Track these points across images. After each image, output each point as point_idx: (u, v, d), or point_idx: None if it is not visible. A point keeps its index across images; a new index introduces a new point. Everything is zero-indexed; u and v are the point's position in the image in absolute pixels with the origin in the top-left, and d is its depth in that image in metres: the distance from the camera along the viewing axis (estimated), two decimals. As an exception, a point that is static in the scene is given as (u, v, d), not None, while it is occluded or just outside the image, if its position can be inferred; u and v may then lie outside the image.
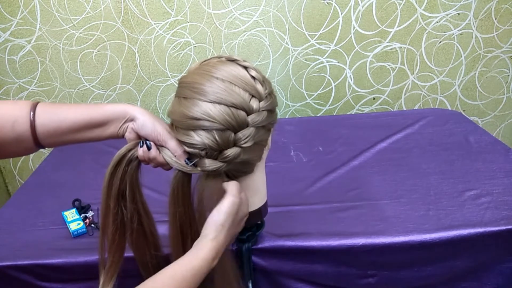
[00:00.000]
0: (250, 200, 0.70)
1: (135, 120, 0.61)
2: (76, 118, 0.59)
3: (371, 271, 0.86)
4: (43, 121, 0.57)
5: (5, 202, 1.05)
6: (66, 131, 0.59)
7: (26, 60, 1.51)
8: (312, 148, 1.24)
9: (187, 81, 0.60)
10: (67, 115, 0.59)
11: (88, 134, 0.60)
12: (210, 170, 0.60)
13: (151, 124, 0.61)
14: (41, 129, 0.57)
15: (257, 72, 0.62)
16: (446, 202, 0.94)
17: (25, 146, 0.58)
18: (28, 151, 0.59)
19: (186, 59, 1.53)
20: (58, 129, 0.58)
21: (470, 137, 1.23)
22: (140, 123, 0.61)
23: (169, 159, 0.61)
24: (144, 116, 0.61)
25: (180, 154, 0.61)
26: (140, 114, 0.61)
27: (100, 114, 0.60)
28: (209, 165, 0.59)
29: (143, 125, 0.61)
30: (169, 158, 0.61)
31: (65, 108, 0.60)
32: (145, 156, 0.61)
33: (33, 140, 0.57)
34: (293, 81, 1.59)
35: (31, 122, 0.56)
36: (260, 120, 0.60)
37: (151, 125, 0.61)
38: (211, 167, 0.59)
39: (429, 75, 1.60)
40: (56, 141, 0.59)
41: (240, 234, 0.77)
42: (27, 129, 0.56)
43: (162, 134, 0.61)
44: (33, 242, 0.88)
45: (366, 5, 1.45)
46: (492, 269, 0.89)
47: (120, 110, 0.61)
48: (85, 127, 0.59)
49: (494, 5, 1.46)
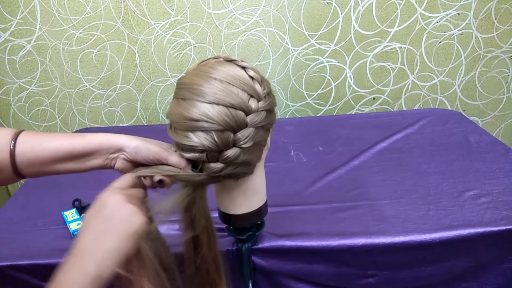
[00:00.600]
0: (250, 200, 0.70)
1: (124, 149, 0.58)
2: (56, 148, 0.56)
3: (371, 271, 0.86)
4: (24, 150, 0.55)
5: (5, 202, 1.05)
6: (45, 161, 0.56)
7: (26, 60, 1.51)
8: (312, 148, 1.24)
9: (185, 82, 0.60)
10: (47, 144, 0.56)
11: (69, 165, 0.58)
12: (213, 172, 0.60)
13: (145, 147, 0.58)
14: (20, 158, 0.55)
15: (256, 72, 0.61)
16: (446, 202, 0.94)
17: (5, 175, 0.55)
18: (9, 181, 0.57)
19: (186, 59, 1.53)
20: (37, 159, 0.56)
21: (470, 137, 1.23)
22: (133, 150, 0.58)
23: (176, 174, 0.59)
24: (133, 142, 0.58)
25: (185, 165, 0.59)
26: (128, 141, 0.58)
27: (81, 145, 0.57)
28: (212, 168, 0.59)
29: (137, 151, 0.58)
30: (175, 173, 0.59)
31: (47, 137, 0.58)
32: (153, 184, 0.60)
33: (13, 170, 0.55)
34: (293, 81, 1.59)
35: (11, 150, 0.54)
36: (259, 120, 0.59)
37: (145, 148, 0.58)
38: (214, 169, 0.59)
39: (429, 75, 1.60)
40: (36, 170, 0.57)
41: (240, 234, 0.78)
42: (7, 158, 0.54)
43: (160, 153, 0.59)
44: (33, 242, 0.88)
45: (366, 5, 1.45)
46: (492, 269, 0.89)
47: (103, 140, 0.58)
48: (67, 157, 0.57)
49: (494, 5, 1.46)
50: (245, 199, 0.69)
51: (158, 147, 0.60)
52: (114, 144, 0.58)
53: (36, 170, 0.57)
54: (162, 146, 0.61)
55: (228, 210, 0.71)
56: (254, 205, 0.71)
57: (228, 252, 0.81)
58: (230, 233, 0.79)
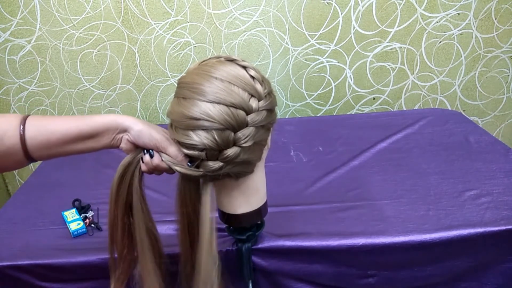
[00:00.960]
0: (250, 200, 0.70)
1: (129, 130, 0.60)
2: (65, 130, 0.58)
3: (371, 271, 0.86)
4: (33, 134, 0.57)
5: (5, 202, 1.06)
6: (56, 143, 0.58)
7: (26, 60, 1.51)
8: (312, 148, 1.24)
9: (186, 81, 0.60)
10: (56, 127, 0.58)
11: (80, 146, 0.60)
12: (211, 171, 0.60)
13: (148, 132, 0.60)
14: (31, 142, 0.57)
15: (256, 71, 0.62)
16: (446, 202, 0.94)
17: (16, 159, 0.57)
18: (19, 165, 0.59)
19: (186, 59, 1.53)
20: (48, 142, 0.58)
21: (470, 137, 1.23)
22: (136, 133, 0.60)
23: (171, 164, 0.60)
24: (138, 125, 0.60)
25: (181, 159, 0.60)
26: (134, 124, 0.60)
27: (89, 126, 0.59)
28: (210, 166, 0.59)
29: (140, 135, 0.60)
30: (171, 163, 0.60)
31: (55, 120, 0.60)
32: (148, 164, 0.61)
33: (24, 154, 0.57)
34: (293, 81, 1.59)
35: (21, 135, 0.56)
36: (260, 119, 0.60)
37: (148, 133, 0.60)
38: (211, 167, 0.59)
39: (429, 75, 1.60)
40: (47, 153, 0.59)
41: (240, 234, 0.78)
42: (17, 142, 0.56)
43: (161, 141, 0.60)
44: (33, 242, 0.88)
45: (366, 5, 1.45)
46: (492, 269, 0.89)
47: (110, 121, 0.60)
48: (76, 139, 0.59)
49: (494, 5, 1.46)
50: (245, 199, 0.69)
51: (161, 135, 0.61)
52: (121, 124, 0.60)
53: (47, 153, 0.59)
54: (165, 135, 0.62)
55: (228, 210, 0.71)
56: (254, 205, 0.71)
57: (228, 252, 0.81)
58: (230, 233, 0.79)
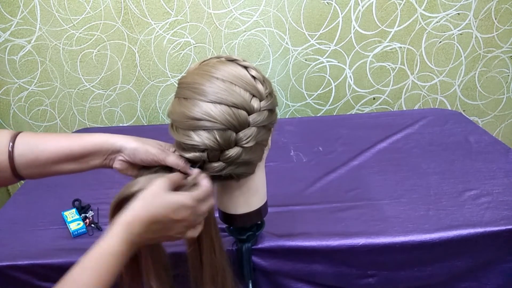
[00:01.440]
0: (250, 200, 0.70)
1: (122, 150, 0.59)
2: (55, 150, 0.57)
3: (371, 271, 0.86)
4: (22, 151, 0.55)
5: (5, 202, 1.05)
6: (45, 162, 0.57)
7: (26, 60, 1.51)
8: (312, 148, 1.24)
9: (187, 81, 0.60)
10: (46, 146, 0.57)
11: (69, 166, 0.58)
12: (213, 172, 0.60)
13: (143, 149, 0.59)
14: (19, 159, 0.55)
15: (257, 71, 0.62)
16: (446, 202, 0.94)
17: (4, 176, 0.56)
18: (7, 182, 0.57)
19: (186, 59, 1.53)
20: (36, 160, 0.56)
21: (470, 137, 1.23)
22: (131, 152, 0.59)
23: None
24: (131, 144, 0.59)
25: (183, 166, 0.59)
26: (126, 143, 0.59)
27: (80, 147, 0.58)
28: (213, 167, 0.59)
29: (135, 153, 0.59)
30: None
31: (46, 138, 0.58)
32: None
33: (11, 171, 0.56)
34: (293, 81, 1.59)
35: (9, 152, 0.55)
36: (261, 119, 0.60)
37: (144, 150, 0.59)
38: (214, 168, 0.59)
39: (429, 75, 1.60)
40: (35, 172, 0.57)
41: (240, 234, 0.78)
42: (5, 159, 0.55)
43: (158, 155, 0.59)
44: (33, 242, 0.88)
45: (366, 5, 1.45)
46: (492, 269, 0.89)
47: (102, 142, 0.58)
48: (65, 159, 0.57)
49: (494, 5, 1.46)
50: (245, 199, 0.69)
51: (156, 149, 0.59)
52: (113, 145, 0.59)
53: (35, 171, 0.57)
54: (161, 147, 0.61)
55: (228, 210, 0.71)
56: (254, 205, 0.71)
57: (228, 252, 0.81)
58: (230, 233, 0.79)
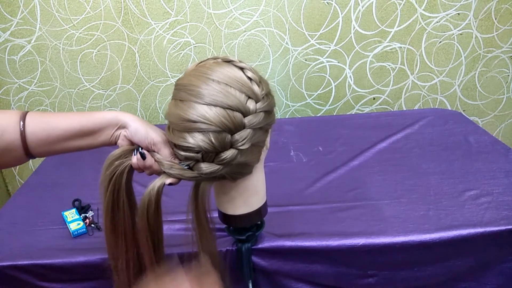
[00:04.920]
0: (249, 200, 0.70)
1: (127, 127, 0.60)
2: (67, 127, 0.58)
3: (371, 271, 0.86)
4: (33, 129, 0.56)
5: (5, 202, 1.06)
6: (57, 139, 0.58)
7: (26, 60, 1.51)
8: (312, 148, 1.24)
9: (183, 83, 0.60)
10: (57, 123, 0.58)
11: (79, 142, 0.60)
12: (206, 173, 0.59)
13: (144, 131, 0.60)
14: (31, 137, 0.56)
15: (254, 73, 0.61)
16: (446, 202, 0.94)
17: (15, 155, 0.57)
18: (18, 161, 0.58)
19: (186, 59, 1.53)
20: (48, 138, 0.57)
21: (470, 137, 1.23)
22: (133, 130, 0.60)
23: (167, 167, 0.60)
24: (136, 123, 0.60)
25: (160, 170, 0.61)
26: (132, 121, 0.60)
27: (91, 122, 0.59)
28: (206, 168, 0.59)
29: (136, 132, 0.60)
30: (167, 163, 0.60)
31: (56, 116, 0.60)
32: (139, 164, 0.61)
33: (23, 150, 0.57)
34: (293, 81, 1.59)
35: (21, 131, 0.56)
36: (257, 121, 0.59)
37: (144, 132, 0.60)
38: (207, 170, 0.59)
39: (429, 75, 1.60)
40: (47, 150, 0.58)
41: (240, 234, 0.78)
42: (17, 138, 0.56)
43: (157, 142, 0.60)
44: (33, 242, 0.88)
45: (366, 5, 1.45)
46: (492, 269, 0.89)
47: (111, 117, 0.60)
48: (76, 135, 0.59)
49: (494, 5, 1.46)
50: (244, 200, 0.69)
51: (157, 135, 0.61)
52: (121, 120, 0.60)
53: (46, 149, 0.59)
54: (163, 137, 0.62)
55: (227, 210, 0.71)
56: (254, 206, 0.71)
57: (228, 252, 0.81)
58: (230, 233, 0.79)
